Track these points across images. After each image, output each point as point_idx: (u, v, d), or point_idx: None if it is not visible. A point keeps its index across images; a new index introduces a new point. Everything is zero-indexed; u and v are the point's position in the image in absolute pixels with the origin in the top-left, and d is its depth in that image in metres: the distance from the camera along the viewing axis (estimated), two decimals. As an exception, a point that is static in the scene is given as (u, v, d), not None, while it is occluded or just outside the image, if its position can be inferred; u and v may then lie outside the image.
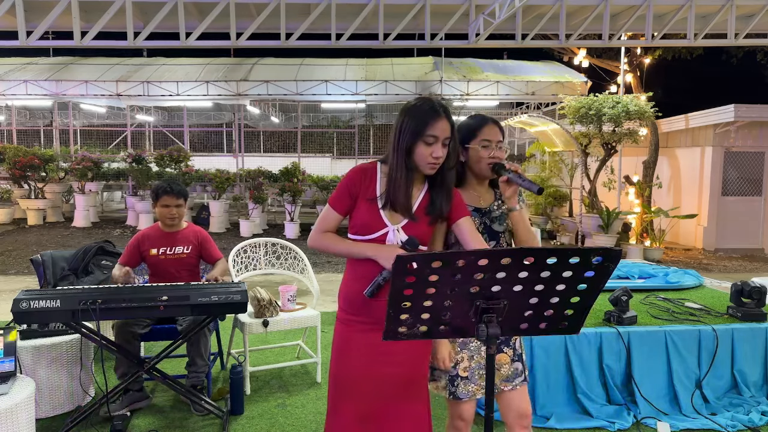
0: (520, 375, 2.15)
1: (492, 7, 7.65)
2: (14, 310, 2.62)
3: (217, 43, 8.24)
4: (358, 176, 1.95)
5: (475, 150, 2.09)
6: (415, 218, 1.91)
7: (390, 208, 1.91)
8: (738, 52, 14.38)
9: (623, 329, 3.25)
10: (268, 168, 12.14)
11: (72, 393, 3.27)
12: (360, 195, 1.93)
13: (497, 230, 2.13)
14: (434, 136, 1.84)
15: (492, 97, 14.08)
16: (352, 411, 1.95)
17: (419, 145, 1.86)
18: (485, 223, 2.13)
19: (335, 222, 1.98)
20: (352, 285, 1.95)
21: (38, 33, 7.62)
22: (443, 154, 1.88)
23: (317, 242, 1.98)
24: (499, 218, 2.14)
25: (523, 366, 2.17)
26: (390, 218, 1.91)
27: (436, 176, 1.94)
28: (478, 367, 2.12)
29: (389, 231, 1.90)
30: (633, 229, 10.08)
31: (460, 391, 2.12)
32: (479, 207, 2.14)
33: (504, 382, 2.13)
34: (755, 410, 3.20)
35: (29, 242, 9.80)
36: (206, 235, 3.65)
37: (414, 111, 1.88)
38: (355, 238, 1.95)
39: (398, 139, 1.88)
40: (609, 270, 1.37)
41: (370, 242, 1.91)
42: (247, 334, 3.52)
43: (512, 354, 2.14)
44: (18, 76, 13.95)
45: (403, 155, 1.87)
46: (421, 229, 1.93)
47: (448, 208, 1.95)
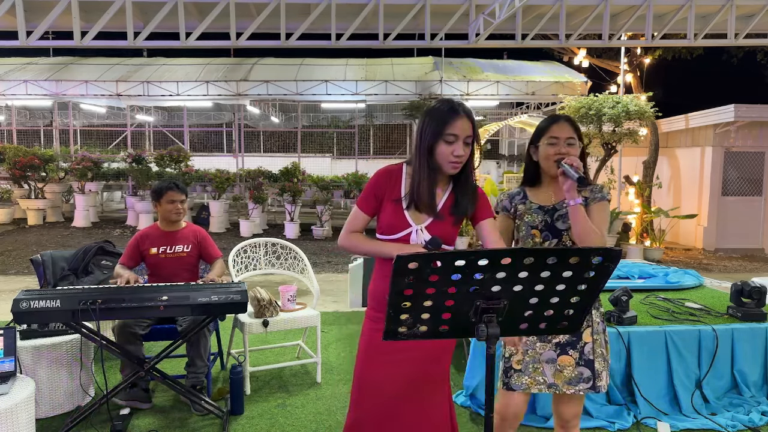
0: (587, 381, 2.11)
1: (492, 7, 7.65)
2: (14, 310, 2.62)
3: (217, 43, 8.24)
4: (384, 177, 2.00)
5: (543, 147, 2.12)
6: (440, 217, 1.95)
7: (414, 208, 1.95)
8: (738, 52, 14.38)
9: (623, 329, 3.25)
10: (268, 168, 12.14)
11: (72, 393, 3.27)
12: (385, 196, 1.99)
13: (560, 228, 2.13)
14: (454, 134, 1.88)
15: (492, 97, 14.09)
16: (374, 409, 1.97)
17: (440, 144, 1.89)
18: (547, 221, 2.14)
19: (363, 222, 2.03)
20: (380, 283, 2.00)
21: (38, 33, 7.61)
22: (465, 153, 1.91)
23: (346, 242, 2.04)
24: (565, 216, 2.12)
25: (592, 373, 2.11)
26: (414, 218, 1.95)
27: (460, 176, 1.98)
28: (533, 361, 2.14)
29: (413, 231, 1.94)
30: (633, 229, 10.08)
31: (513, 382, 2.15)
32: (544, 205, 2.16)
33: (566, 385, 2.11)
34: (755, 410, 3.20)
35: (29, 242, 9.80)
36: (206, 234, 3.66)
37: (435, 112, 1.93)
38: (381, 237, 2.00)
39: (420, 139, 1.93)
40: (609, 270, 1.37)
41: (394, 242, 1.95)
42: (247, 334, 3.52)
43: (577, 357, 2.12)
44: (18, 76, 13.96)
45: (426, 155, 1.92)
46: (446, 229, 1.96)
47: (473, 208, 1.99)
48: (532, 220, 2.16)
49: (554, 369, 2.12)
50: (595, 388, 2.12)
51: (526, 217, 2.17)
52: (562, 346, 2.12)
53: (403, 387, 1.96)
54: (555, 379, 2.12)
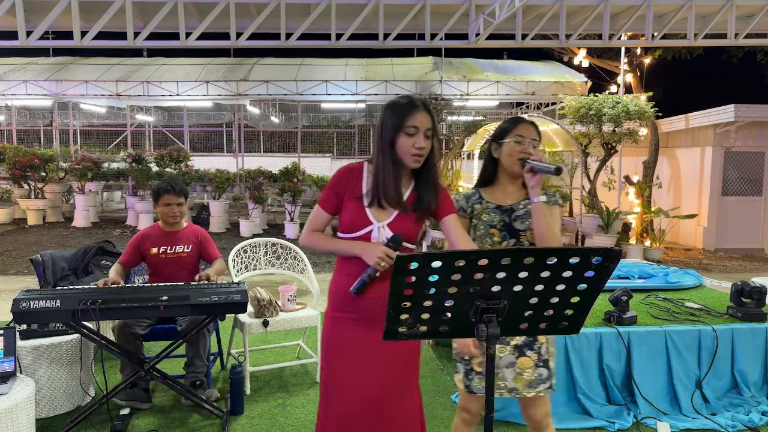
0: (545, 381, 2.12)
1: (492, 7, 7.65)
2: (14, 310, 2.62)
3: (217, 43, 8.24)
4: (345, 175, 2.00)
5: (508, 144, 2.13)
6: (406, 209, 1.94)
7: (377, 204, 1.94)
8: (738, 52, 14.37)
9: (623, 329, 3.25)
10: (268, 168, 12.14)
11: (72, 393, 3.27)
12: (346, 194, 1.98)
13: (518, 228, 2.14)
14: (415, 126, 1.89)
15: (492, 97, 14.08)
16: (342, 408, 1.95)
17: (401, 136, 1.90)
18: (505, 220, 2.15)
19: (324, 221, 2.03)
20: (340, 282, 1.98)
21: (38, 33, 7.61)
22: (426, 145, 1.92)
23: (307, 240, 2.05)
24: (523, 216, 2.14)
25: (549, 372, 2.13)
26: (376, 216, 1.94)
27: (422, 171, 1.98)
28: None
29: (374, 228, 1.92)
30: (633, 229, 10.08)
31: (474, 385, 2.14)
32: (501, 205, 2.17)
33: (527, 388, 2.11)
34: (755, 410, 3.20)
35: (29, 242, 9.80)
36: (206, 234, 3.66)
37: (394, 106, 1.94)
38: (343, 236, 1.98)
39: (381, 134, 1.94)
40: (609, 270, 1.37)
41: (356, 240, 1.94)
42: (247, 334, 3.53)
43: (536, 359, 2.12)
44: (18, 76, 13.95)
45: (388, 149, 1.92)
46: (409, 226, 1.96)
47: (435, 202, 1.99)
48: (490, 219, 2.16)
49: (514, 373, 2.12)
50: (552, 387, 2.15)
51: (483, 216, 2.18)
52: (520, 348, 2.12)
53: (368, 385, 1.93)
54: (516, 383, 2.12)
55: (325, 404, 2.01)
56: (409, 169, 1.97)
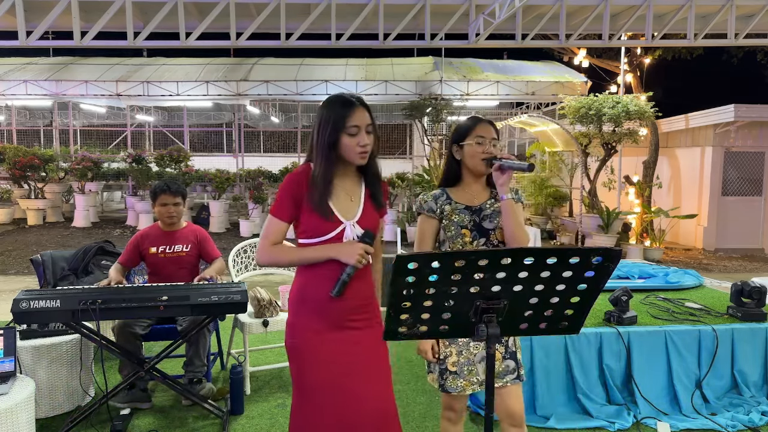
0: (512, 372, 2.15)
1: (492, 7, 7.65)
2: (14, 310, 2.62)
3: (217, 43, 8.24)
4: (296, 181, 1.92)
5: (470, 146, 2.16)
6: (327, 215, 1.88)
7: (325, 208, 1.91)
8: (738, 52, 14.37)
9: (623, 329, 3.25)
10: (268, 168, 12.14)
11: (72, 393, 3.27)
12: (303, 199, 1.90)
13: (487, 227, 2.17)
14: (356, 126, 1.88)
15: (492, 97, 14.08)
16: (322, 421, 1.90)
17: (343, 137, 1.88)
18: (475, 220, 2.17)
19: (282, 232, 1.93)
20: (309, 288, 1.91)
21: (38, 33, 7.61)
22: (370, 141, 1.91)
23: (269, 256, 1.92)
24: (491, 216, 2.17)
25: (516, 364, 2.16)
26: (344, 215, 1.92)
27: (368, 168, 1.98)
28: (467, 363, 2.14)
29: (347, 227, 1.90)
30: (633, 229, 10.08)
31: (448, 385, 2.15)
32: (470, 205, 2.19)
33: (496, 379, 2.12)
34: (755, 410, 3.20)
35: (29, 242, 9.80)
36: (205, 234, 3.65)
37: (330, 107, 1.91)
38: (307, 242, 1.91)
39: (319, 135, 1.89)
40: (609, 270, 1.37)
41: (324, 243, 1.89)
42: (247, 334, 3.52)
43: (504, 351, 2.15)
44: (18, 76, 13.95)
45: (326, 150, 1.88)
46: (374, 219, 1.98)
47: (385, 192, 2.03)
48: (460, 220, 2.17)
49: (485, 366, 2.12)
50: (519, 377, 2.17)
51: (453, 217, 2.18)
52: None
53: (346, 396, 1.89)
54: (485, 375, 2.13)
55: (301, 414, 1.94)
56: (353, 166, 1.96)
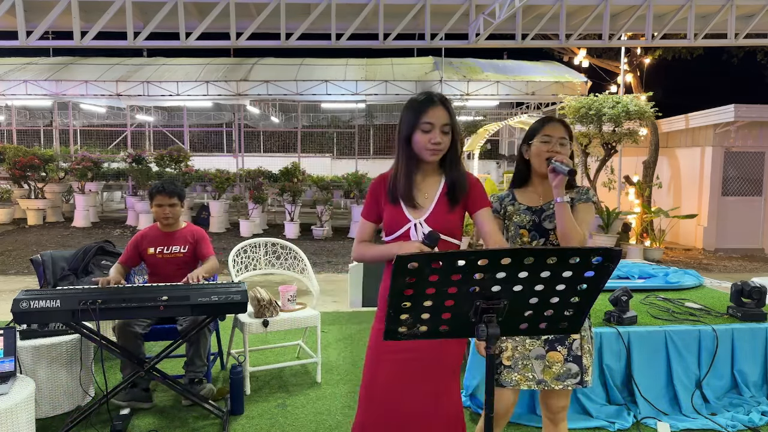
0: (575, 377, 2.14)
1: (492, 7, 7.65)
2: (14, 310, 2.62)
3: (217, 43, 8.24)
4: (380, 182, 2.06)
5: (535, 145, 2.17)
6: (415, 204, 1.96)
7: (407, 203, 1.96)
8: (738, 52, 14.37)
9: (623, 329, 3.25)
10: (268, 168, 12.15)
11: (72, 393, 3.27)
12: (383, 199, 2.02)
13: (547, 227, 2.17)
14: (430, 122, 1.92)
15: (492, 97, 14.08)
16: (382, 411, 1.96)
17: (417, 133, 1.93)
18: (534, 221, 2.18)
19: (369, 230, 2.08)
20: (383, 285, 2.02)
21: (38, 33, 7.61)
22: (443, 140, 1.94)
23: (356, 252, 2.08)
24: (552, 216, 2.17)
25: (581, 369, 2.14)
26: (412, 214, 1.96)
27: (446, 164, 2.01)
28: (522, 357, 2.15)
29: (411, 226, 1.96)
30: (633, 229, 10.08)
31: (503, 378, 2.16)
32: (532, 206, 2.20)
33: (555, 381, 2.14)
34: (755, 410, 3.20)
35: (29, 242, 9.80)
36: (203, 234, 3.64)
37: (411, 103, 1.99)
38: (386, 239, 2.03)
39: (399, 131, 1.99)
40: (609, 270, 1.37)
41: (396, 241, 1.97)
42: (247, 334, 3.52)
43: (566, 354, 2.14)
44: (18, 76, 13.95)
45: (404, 146, 1.96)
46: (446, 219, 1.97)
47: (464, 191, 2.00)
48: (520, 220, 2.20)
49: (543, 365, 2.15)
50: (583, 383, 2.16)
51: (515, 217, 2.22)
52: (551, 343, 2.15)
53: (411, 388, 1.94)
54: (544, 375, 2.15)
55: (364, 404, 2.01)
56: (434, 164, 2.00)
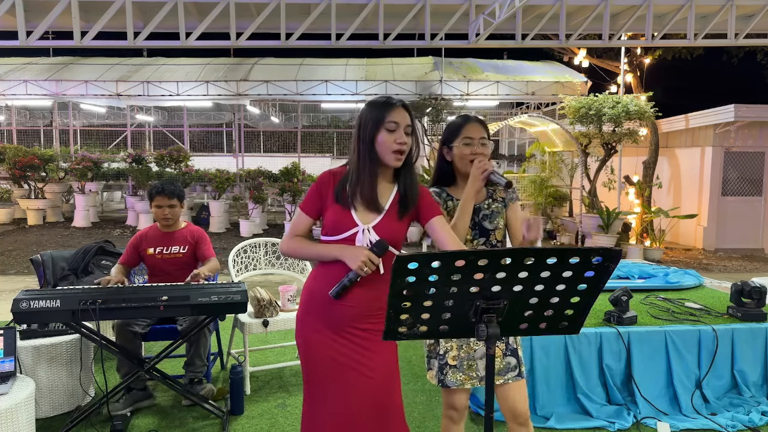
0: (514, 370, 2.14)
1: (492, 7, 7.65)
2: (14, 310, 2.62)
3: (217, 43, 8.24)
4: (328, 179, 1.98)
5: (458, 147, 2.16)
6: (381, 210, 1.92)
7: (362, 206, 1.91)
8: (738, 52, 14.37)
9: (623, 329, 3.25)
10: (268, 168, 12.14)
11: (72, 393, 3.27)
12: (329, 197, 1.95)
13: (487, 228, 2.18)
14: (395, 122, 1.90)
15: (492, 97, 14.07)
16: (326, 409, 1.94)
17: (381, 132, 1.90)
18: (474, 220, 2.17)
19: (306, 226, 2.02)
20: (317, 283, 1.96)
21: (38, 33, 7.61)
22: (408, 141, 1.92)
23: (288, 246, 2.01)
24: (490, 216, 2.18)
25: (517, 361, 2.15)
26: (361, 218, 1.91)
27: (402, 172, 1.97)
28: (467, 357, 2.14)
29: (359, 231, 1.89)
30: (633, 229, 10.08)
31: (448, 379, 2.14)
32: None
33: (497, 376, 2.12)
34: (755, 410, 3.20)
35: (29, 242, 9.80)
36: (203, 234, 3.64)
37: (372, 104, 1.95)
38: (326, 239, 1.96)
39: (360, 131, 1.93)
40: (609, 270, 1.37)
41: (339, 243, 1.91)
42: (247, 334, 3.52)
43: (504, 348, 2.15)
44: (18, 76, 13.95)
45: (367, 147, 1.91)
46: (395, 228, 1.93)
47: (414, 202, 1.96)
48: None
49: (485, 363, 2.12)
50: (521, 375, 2.16)
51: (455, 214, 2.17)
52: None
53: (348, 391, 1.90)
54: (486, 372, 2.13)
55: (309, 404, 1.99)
56: (389, 171, 1.96)
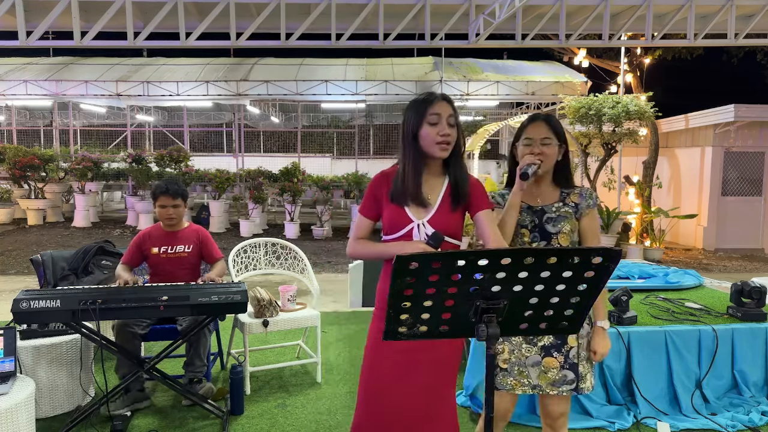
0: (570, 383, 2.11)
1: (492, 7, 7.65)
2: (14, 310, 2.62)
3: (217, 43, 8.24)
4: (381, 179, 2.04)
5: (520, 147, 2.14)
6: (425, 204, 1.94)
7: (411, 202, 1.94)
8: (738, 52, 14.38)
9: (623, 329, 3.25)
10: (268, 168, 12.15)
11: (72, 393, 3.27)
12: (384, 197, 2.00)
13: (550, 231, 2.11)
14: (437, 113, 1.91)
15: (492, 97, 14.08)
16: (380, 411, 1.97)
17: (424, 127, 1.92)
18: (535, 221, 2.13)
19: (367, 228, 2.06)
20: (385, 283, 2.00)
21: (38, 33, 7.61)
22: (452, 132, 1.92)
23: (353, 249, 2.06)
24: (555, 219, 2.11)
25: (576, 376, 2.11)
26: (415, 214, 1.95)
27: (451, 162, 1.98)
28: (518, 363, 2.13)
29: (414, 226, 1.94)
30: (633, 229, 10.08)
31: (499, 381, 2.14)
32: (532, 205, 2.15)
33: (550, 386, 2.11)
34: (755, 410, 3.20)
35: (29, 242, 9.80)
36: (207, 234, 3.64)
37: (415, 101, 1.99)
38: (386, 238, 2.01)
39: (405, 129, 1.96)
40: (609, 270, 1.36)
41: (397, 240, 1.95)
42: (247, 334, 3.52)
43: (562, 361, 2.11)
44: (18, 76, 13.95)
45: (411, 143, 1.94)
46: (449, 220, 1.95)
47: (466, 193, 1.97)
48: (522, 219, 2.13)
49: (539, 371, 2.12)
50: (578, 390, 2.13)
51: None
52: (547, 349, 2.11)
53: (409, 389, 1.94)
54: (539, 380, 2.12)
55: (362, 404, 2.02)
56: (438, 163, 1.98)
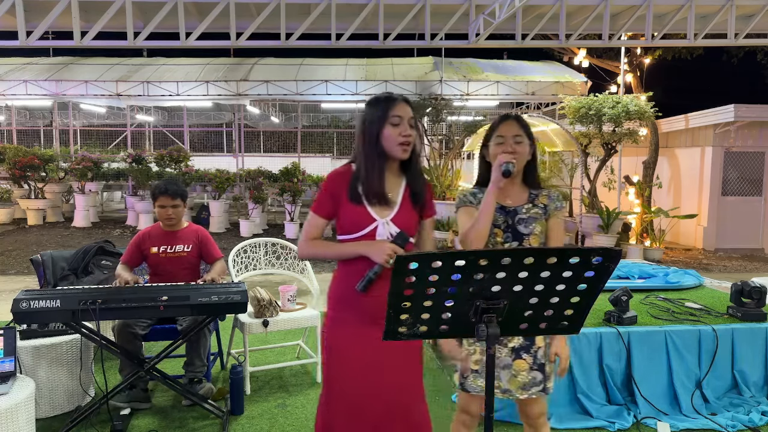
0: (538, 385, 2.11)
1: (492, 7, 7.65)
2: (14, 310, 2.62)
3: (217, 43, 8.24)
4: (338, 178, 2.01)
5: (492, 146, 2.14)
6: (389, 203, 1.95)
7: (373, 201, 1.94)
8: (738, 52, 14.37)
9: (623, 329, 3.25)
10: (268, 168, 12.14)
11: (72, 393, 3.27)
12: (342, 196, 1.97)
13: (522, 232, 2.10)
14: (399, 116, 1.93)
15: (492, 97, 14.08)
16: (345, 407, 1.96)
17: (386, 128, 1.92)
18: (508, 222, 2.12)
19: (321, 228, 2.03)
20: (343, 283, 1.98)
21: (38, 33, 7.61)
22: (413, 133, 1.94)
23: (307, 250, 2.02)
24: (527, 220, 2.10)
25: (544, 377, 2.12)
26: (378, 213, 1.95)
27: (410, 164, 2.01)
28: None
29: (378, 225, 1.93)
30: (633, 229, 10.08)
31: (468, 384, 2.14)
32: (505, 206, 2.13)
33: (520, 390, 2.11)
34: (755, 410, 3.20)
35: (29, 242, 9.80)
36: (207, 234, 3.64)
37: (374, 101, 1.98)
38: (344, 238, 1.98)
39: (366, 129, 1.95)
40: (609, 270, 1.36)
41: (359, 239, 1.94)
42: (247, 334, 3.52)
43: (531, 362, 2.10)
44: (18, 76, 13.95)
45: (373, 143, 1.94)
46: (410, 219, 1.99)
47: (424, 191, 2.03)
48: (495, 218, 2.10)
49: (509, 375, 2.11)
50: (545, 390, 2.14)
51: None
52: (517, 351, 2.11)
53: (371, 389, 1.94)
54: (510, 385, 2.11)
55: (326, 402, 2.02)
56: (395, 165, 1.99)
